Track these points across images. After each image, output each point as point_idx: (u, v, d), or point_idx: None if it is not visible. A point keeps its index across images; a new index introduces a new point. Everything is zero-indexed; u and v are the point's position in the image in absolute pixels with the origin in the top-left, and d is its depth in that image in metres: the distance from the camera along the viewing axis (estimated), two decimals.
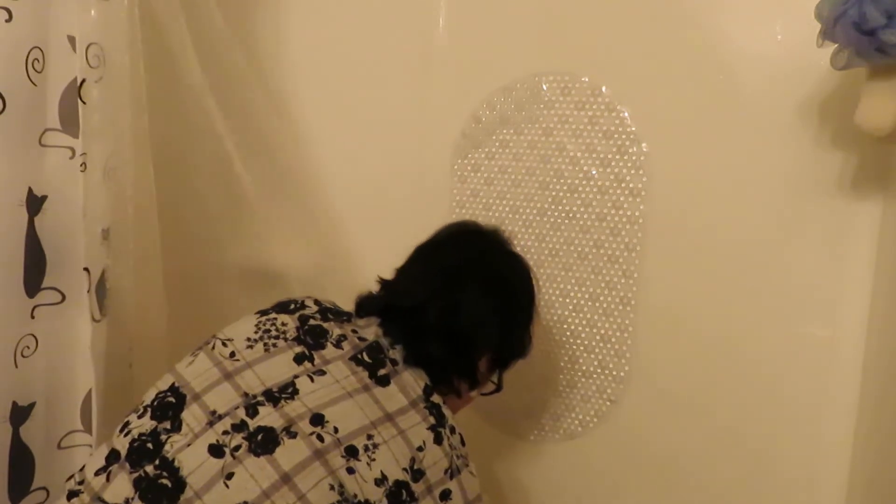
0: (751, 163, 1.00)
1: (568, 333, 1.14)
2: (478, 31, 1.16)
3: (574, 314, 1.13)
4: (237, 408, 0.70)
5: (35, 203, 0.90)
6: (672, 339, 1.07)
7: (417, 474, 0.71)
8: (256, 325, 0.79)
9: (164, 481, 0.66)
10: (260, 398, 0.71)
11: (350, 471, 0.68)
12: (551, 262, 1.13)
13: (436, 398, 0.78)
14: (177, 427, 0.70)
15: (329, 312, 0.83)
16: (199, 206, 1.44)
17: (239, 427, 0.69)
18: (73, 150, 0.92)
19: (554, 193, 1.12)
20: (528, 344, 0.90)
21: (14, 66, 0.85)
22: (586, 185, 1.10)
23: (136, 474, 0.67)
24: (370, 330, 0.81)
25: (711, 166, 1.02)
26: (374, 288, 0.90)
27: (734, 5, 0.99)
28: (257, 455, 0.67)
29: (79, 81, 0.89)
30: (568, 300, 1.13)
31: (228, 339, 0.77)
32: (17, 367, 0.90)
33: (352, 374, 0.75)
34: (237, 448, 0.67)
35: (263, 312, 0.81)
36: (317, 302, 0.85)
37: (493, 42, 1.15)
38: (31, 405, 0.93)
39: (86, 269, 0.93)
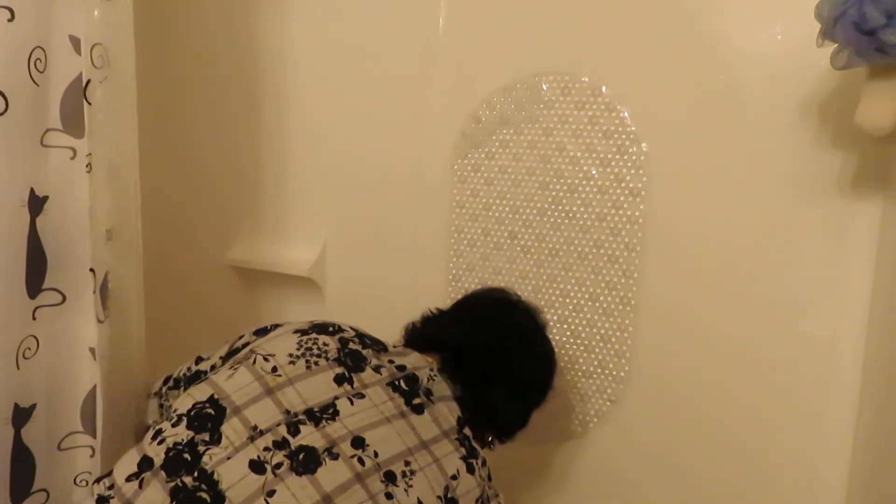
0: (751, 163, 1.00)
1: (568, 333, 1.14)
2: (478, 31, 1.16)
3: (574, 314, 1.13)
4: (279, 425, 0.70)
5: (36, 203, 0.90)
6: (672, 338, 1.07)
7: (450, 502, 0.72)
8: (298, 343, 0.79)
9: (203, 494, 0.66)
10: (301, 417, 0.71)
11: (388, 496, 0.68)
12: (551, 262, 1.13)
13: (467, 431, 0.79)
14: (216, 440, 0.70)
15: (366, 339, 0.84)
16: (201, 206, 1.44)
17: (280, 444, 0.69)
18: (74, 151, 0.92)
19: (554, 193, 1.12)
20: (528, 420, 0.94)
21: (16, 65, 0.85)
22: (586, 185, 1.10)
23: (172, 483, 0.67)
24: (408, 360, 0.83)
25: (711, 166, 1.02)
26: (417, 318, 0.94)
27: (734, 5, 0.99)
28: (299, 474, 0.67)
29: (84, 82, 0.89)
30: (568, 300, 1.13)
31: (270, 355, 0.77)
32: (18, 368, 0.89)
33: (389, 400, 0.76)
34: (279, 465, 0.67)
35: (303, 332, 0.82)
36: (354, 328, 0.86)
37: (493, 42, 1.15)
38: (32, 407, 0.93)
39: (91, 270, 0.93)
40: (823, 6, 0.78)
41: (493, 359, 0.86)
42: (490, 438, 0.89)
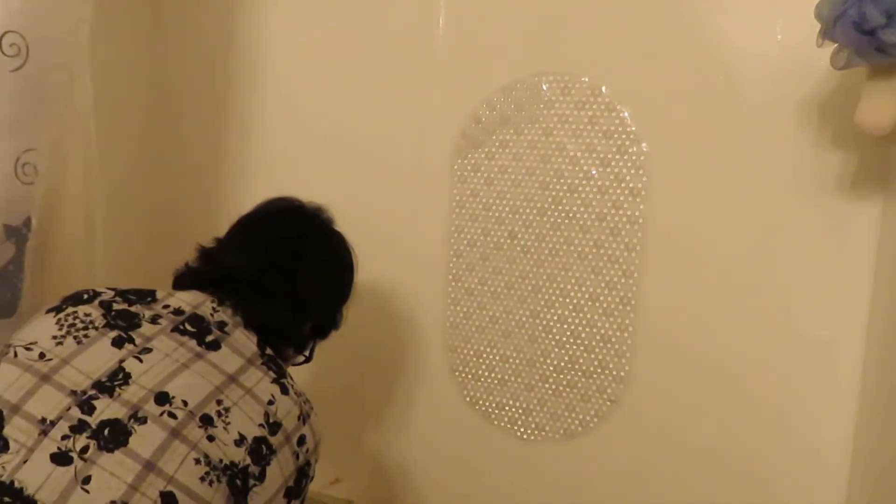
0: (751, 162, 1.00)
1: (568, 333, 1.14)
2: (478, 31, 1.16)
3: (574, 314, 1.13)
4: (69, 408, 0.64)
5: None
6: (672, 338, 1.07)
7: (274, 427, 0.71)
8: (57, 323, 0.71)
9: None
10: (92, 392, 0.65)
11: (210, 438, 0.66)
12: (551, 262, 1.13)
13: (269, 351, 0.77)
14: (3, 447, 0.62)
15: (129, 294, 0.77)
16: (197, 206, 1.44)
17: (79, 427, 0.63)
18: None
19: (554, 193, 1.12)
20: (342, 318, 0.94)
21: None
22: (586, 185, 1.10)
23: None
24: (185, 302, 0.77)
25: (711, 166, 1.02)
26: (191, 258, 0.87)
27: (734, 5, 0.99)
28: (111, 451, 0.62)
29: None
30: (568, 300, 1.13)
31: (31, 343, 0.70)
32: None
33: (180, 346, 0.71)
34: (85, 449, 0.62)
35: (57, 309, 0.74)
36: (111, 288, 0.78)
37: (493, 42, 1.15)
38: None
39: None
40: (823, 6, 0.78)
41: (267, 278, 0.81)
42: (291, 352, 0.87)
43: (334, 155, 1.29)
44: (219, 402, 0.68)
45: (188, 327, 0.74)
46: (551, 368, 1.15)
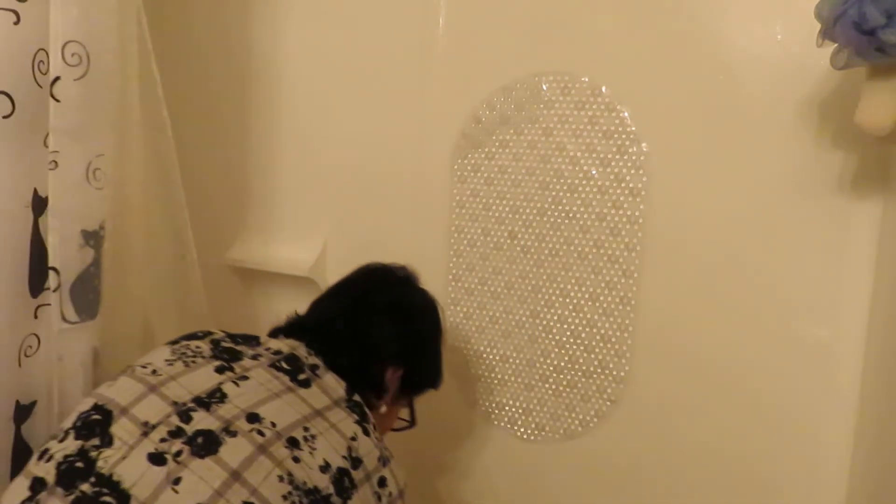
0: (750, 162, 1.00)
1: (568, 333, 1.14)
2: (478, 31, 1.16)
3: (574, 314, 1.13)
4: (169, 416, 0.70)
5: (39, 204, 0.90)
6: (672, 339, 1.07)
7: (356, 462, 0.73)
8: (172, 351, 0.80)
9: (107, 498, 0.63)
10: (191, 405, 0.71)
11: (296, 460, 0.68)
12: (551, 262, 1.13)
13: (357, 398, 0.80)
14: (107, 442, 0.68)
15: (238, 337, 0.85)
16: (199, 206, 1.44)
17: (176, 433, 0.68)
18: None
19: (554, 193, 1.12)
20: (437, 374, 0.97)
21: (22, 68, 0.85)
22: (586, 185, 1.10)
23: (72, 496, 0.64)
24: (284, 346, 0.83)
25: (711, 166, 1.02)
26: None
27: (734, 5, 0.99)
28: (202, 457, 0.66)
29: (51, 79, 0.88)
30: (568, 300, 1.13)
31: (147, 363, 0.78)
32: (20, 366, 0.90)
33: (274, 379, 0.77)
34: (179, 453, 0.66)
35: (174, 342, 0.83)
36: (223, 330, 0.87)
37: (493, 42, 1.15)
38: (33, 404, 0.93)
39: (53, 269, 0.91)
40: (823, 6, 0.78)
41: (339, 325, 0.88)
42: (374, 399, 0.88)
43: (334, 155, 1.30)
44: (305, 429, 0.72)
45: (284, 365, 0.79)
46: (551, 368, 1.15)
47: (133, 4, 1.01)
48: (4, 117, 0.84)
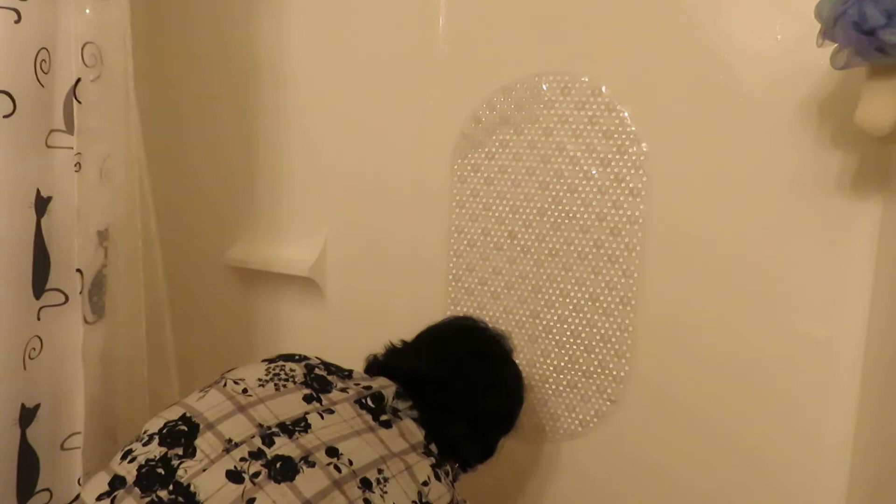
0: (750, 162, 1.00)
1: (568, 333, 1.14)
2: (478, 31, 1.16)
3: (574, 314, 1.13)
4: (253, 437, 0.71)
5: (42, 204, 0.90)
6: (672, 338, 1.07)
7: None
8: (266, 370, 0.81)
9: None
10: (275, 429, 0.72)
11: (366, 502, 0.69)
12: (551, 262, 1.13)
13: (434, 448, 0.81)
14: (190, 453, 0.70)
15: (332, 367, 0.86)
16: (200, 206, 1.44)
17: (256, 455, 0.70)
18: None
19: (554, 193, 1.12)
20: (499, 450, 0.96)
21: (23, 67, 0.85)
22: (586, 185, 1.10)
23: (147, 499, 0.66)
24: (374, 382, 0.84)
25: (711, 166, 1.02)
26: (380, 351, 0.95)
27: (734, 5, 0.99)
28: (278, 482, 0.67)
29: (73, 81, 0.89)
30: (568, 300, 1.13)
31: (240, 379, 0.79)
32: (25, 368, 0.90)
33: (357, 416, 0.78)
34: (256, 475, 0.68)
35: (270, 360, 0.85)
36: (319, 358, 0.88)
37: (493, 42, 1.15)
38: (37, 407, 0.93)
39: (78, 271, 0.92)
40: (823, 6, 0.78)
41: (449, 390, 0.87)
42: (453, 469, 0.89)
43: (334, 155, 1.30)
44: (379, 471, 0.73)
45: (369, 402, 0.81)
46: (551, 368, 1.15)
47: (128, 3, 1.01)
48: (5, 116, 0.83)
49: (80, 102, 0.89)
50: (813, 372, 0.98)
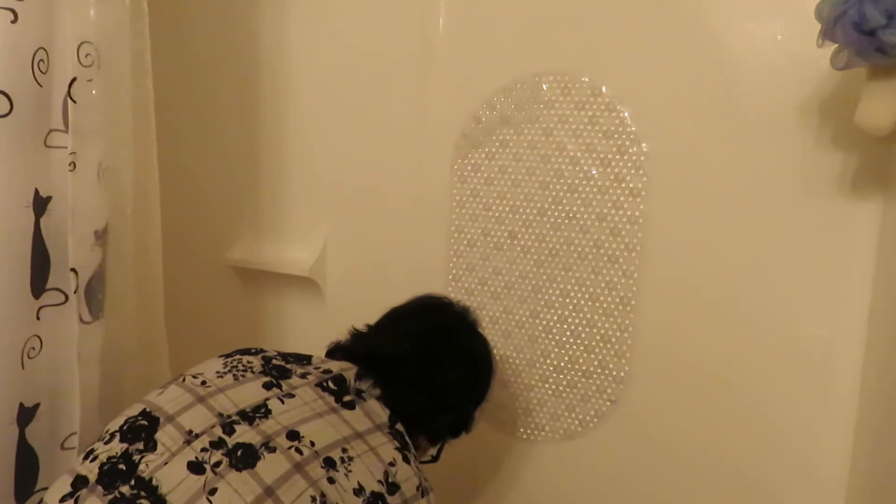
0: (751, 163, 1.00)
1: (568, 333, 1.14)
2: (478, 31, 1.16)
3: (574, 314, 1.13)
4: (213, 427, 0.71)
5: (40, 204, 0.90)
6: (672, 338, 1.07)
7: (392, 487, 0.73)
8: (224, 363, 0.81)
9: (144, 501, 0.65)
10: (235, 417, 0.72)
11: (331, 481, 0.69)
12: (551, 262, 1.13)
13: (400, 427, 0.80)
14: (151, 447, 0.70)
15: (289, 356, 0.86)
16: (200, 206, 1.44)
17: (217, 444, 0.69)
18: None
19: (554, 193, 1.12)
20: (474, 421, 0.96)
21: (20, 67, 0.85)
22: (586, 185, 1.10)
23: (110, 496, 0.66)
24: (334, 366, 0.84)
25: (711, 166, 1.02)
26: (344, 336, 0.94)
27: (734, 5, 0.99)
28: (239, 470, 0.67)
29: (69, 80, 0.89)
30: (568, 300, 1.13)
31: (198, 373, 0.79)
32: (23, 368, 0.90)
33: (319, 398, 0.78)
34: (218, 464, 0.68)
35: (227, 355, 0.84)
36: (276, 350, 0.88)
37: (493, 42, 1.15)
38: (36, 406, 0.93)
39: (73, 270, 0.92)
40: (823, 6, 0.78)
41: (409, 363, 0.87)
42: (424, 443, 0.89)
43: (334, 155, 1.30)
44: (343, 451, 0.72)
45: (330, 385, 0.80)
46: (551, 368, 1.15)
47: (139, 4, 1.01)
48: (2, 116, 0.83)
49: (75, 102, 0.89)
50: (813, 372, 0.98)
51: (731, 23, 0.99)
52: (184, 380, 0.78)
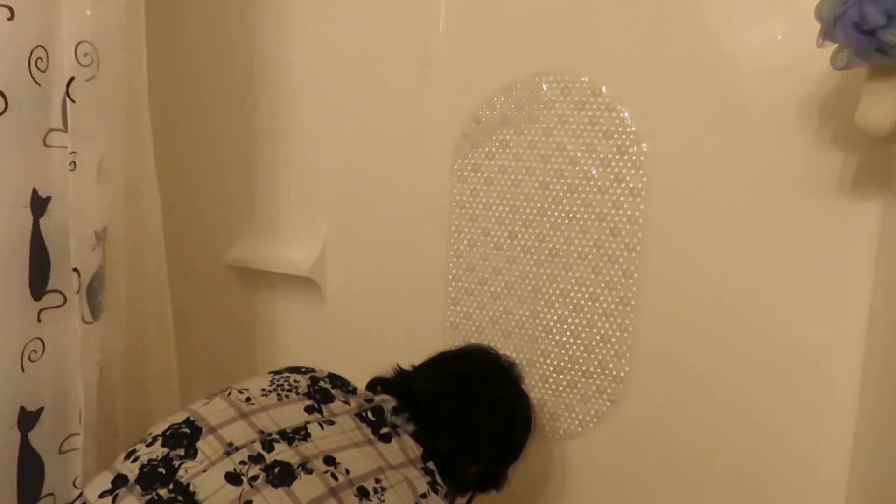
0: (751, 163, 1.00)
1: (568, 333, 1.14)
2: (478, 31, 1.16)
3: (574, 314, 1.13)
4: (253, 442, 0.72)
5: (39, 204, 0.90)
6: (672, 339, 1.07)
7: None
8: (271, 381, 0.83)
9: None
10: (275, 436, 0.74)
11: None
12: (551, 262, 1.13)
13: (431, 465, 0.81)
14: (191, 454, 0.71)
15: (337, 380, 0.87)
16: (200, 206, 1.44)
17: (256, 459, 0.71)
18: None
19: (554, 193, 1.12)
20: (506, 480, 0.96)
21: (17, 65, 0.84)
22: (586, 185, 1.10)
23: (147, 497, 0.68)
24: (376, 398, 0.85)
25: (711, 166, 1.02)
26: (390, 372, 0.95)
27: (734, 5, 0.99)
28: (275, 486, 0.68)
29: (67, 79, 0.88)
30: (568, 300, 1.13)
31: (244, 388, 0.81)
32: (24, 371, 0.89)
33: (357, 429, 0.79)
34: (255, 478, 0.69)
35: (277, 372, 0.86)
36: (327, 371, 0.89)
37: (493, 42, 1.15)
38: (40, 410, 0.92)
39: (75, 270, 0.92)
40: (823, 6, 0.78)
41: (443, 405, 0.87)
42: (454, 492, 0.89)
43: (334, 155, 1.30)
44: (377, 481, 0.73)
45: (369, 415, 0.82)
46: (551, 369, 1.15)
47: (138, 3, 1.01)
48: None
49: (73, 101, 0.89)
50: (812, 372, 0.98)
51: (731, 23, 0.99)
52: (229, 393, 0.80)
